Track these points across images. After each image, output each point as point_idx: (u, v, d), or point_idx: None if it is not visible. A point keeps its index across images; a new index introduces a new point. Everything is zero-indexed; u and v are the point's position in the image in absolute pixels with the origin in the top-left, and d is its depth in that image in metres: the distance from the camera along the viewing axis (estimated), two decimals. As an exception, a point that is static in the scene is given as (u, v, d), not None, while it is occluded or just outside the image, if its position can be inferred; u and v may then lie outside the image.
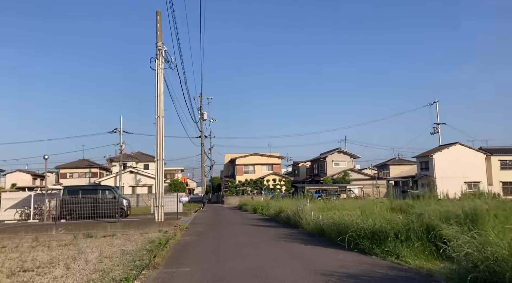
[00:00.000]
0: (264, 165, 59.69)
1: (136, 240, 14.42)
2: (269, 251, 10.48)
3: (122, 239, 14.97)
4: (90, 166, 65.98)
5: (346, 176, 56.57)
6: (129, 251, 11.45)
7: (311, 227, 14.16)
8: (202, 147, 55.16)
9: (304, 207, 15.87)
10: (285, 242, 12.00)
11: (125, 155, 58.51)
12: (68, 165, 65.02)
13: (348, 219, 10.45)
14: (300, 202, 16.59)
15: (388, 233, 8.83)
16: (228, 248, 11.41)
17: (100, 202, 24.26)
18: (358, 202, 20.52)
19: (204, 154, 57.90)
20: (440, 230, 8.32)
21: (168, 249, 11.27)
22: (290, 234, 14.12)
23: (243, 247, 11.31)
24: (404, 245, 8.50)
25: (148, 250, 11.47)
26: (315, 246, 10.77)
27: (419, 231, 8.61)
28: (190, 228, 17.87)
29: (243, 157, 59.91)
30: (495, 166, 51.57)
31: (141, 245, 12.89)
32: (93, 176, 64.53)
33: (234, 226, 19.21)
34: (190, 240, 13.40)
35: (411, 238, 8.57)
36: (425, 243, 8.50)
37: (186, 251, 11.08)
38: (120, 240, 14.65)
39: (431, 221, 8.68)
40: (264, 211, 27.04)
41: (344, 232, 10.21)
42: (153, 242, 13.14)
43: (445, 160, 49.35)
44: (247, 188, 56.01)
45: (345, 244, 9.73)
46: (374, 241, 9.13)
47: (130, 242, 13.81)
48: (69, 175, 64.58)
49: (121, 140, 53.77)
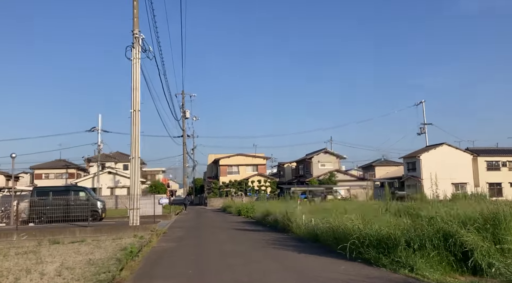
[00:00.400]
0: (249, 166, 58.28)
1: (107, 246, 12.86)
2: (258, 261, 9.07)
3: (91, 245, 13.39)
4: (67, 166, 63.68)
5: (332, 177, 55.61)
6: (96, 261, 9.92)
7: (303, 231, 12.81)
8: (184, 147, 53.46)
9: (295, 209, 14.49)
10: (275, 249, 10.57)
11: (104, 155, 56.54)
12: (43, 165, 62.61)
13: (350, 224, 9.06)
14: (289, 204, 15.19)
15: (398, 240, 7.51)
16: (210, 257, 9.95)
17: (72, 204, 22.62)
18: (350, 204, 19.30)
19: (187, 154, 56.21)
20: (460, 237, 7.05)
21: (140, 258, 9.76)
22: (280, 239, 12.71)
23: (227, 257, 9.87)
24: (418, 255, 7.19)
25: (117, 259, 9.95)
26: (310, 254, 9.38)
27: (435, 238, 7.30)
28: (168, 233, 16.31)
29: (227, 157, 58.41)
30: (482, 166, 51.25)
31: (111, 252, 11.36)
32: (70, 176, 62.31)
33: (217, 230, 17.75)
34: (167, 247, 11.86)
35: (425, 246, 7.26)
36: (442, 252, 7.21)
37: (161, 261, 9.57)
38: (89, 246, 13.07)
39: (449, 226, 7.38)
40: (249, 213, 25.61)
41: (343, 239, 8.87)
42: (125, 249, 11.60)
43: (432, 161, 48.75)
44: (231, 189, 54.50)
45: (346, 253, 8.38)
46: (381, 250, 7.80)
47: (99, 249, 12.26)
48: (45, 176, 62.31)
49: (100, 140, 51.82)
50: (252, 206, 26.47)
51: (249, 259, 9.31)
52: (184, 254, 10.45)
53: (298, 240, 12.21)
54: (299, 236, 13.00)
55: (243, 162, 58.32)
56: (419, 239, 7.39)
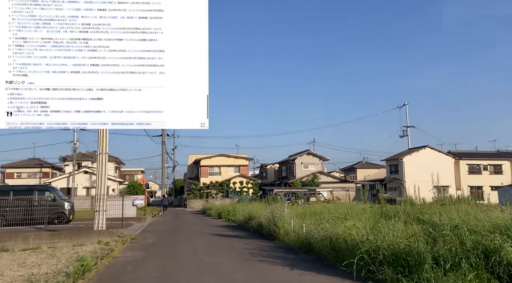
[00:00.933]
0: (231, 167, 56.47)
1: (62, 256, 10.88)
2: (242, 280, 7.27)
3: (44, 254, 11.37)
4: (41, 165, 60.93)
5: (315, 178, 54.37)
6: (39, 277, 7.95)
7: (292, 239, 11.04)
8: (163, 145, 51.27)
9: (282, 213, 12.71)
10: (261, 263, 8.71)
11: (80, 154, 54.16)
12: (16, 164, 59.69)
13: (356, 233, 7.28)
14: (275, 206, 13.41)
15: (423, 257, 5.80)
16: (183, 274, 8.05)
17: (35, 205, 20.47)
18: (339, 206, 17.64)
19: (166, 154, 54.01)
20: (507, 254, 5.40)
21: (92, 274, 7.84)
22: (266, 249, 10.87)
23: (204, 273, 8.01)
24: (451, 278, 5.50)
25: (67, 274, 8.01)
26: (306, 271, 7.56)
27: (473, 255, 5.63)
28: (138, 239, 14.32)
29: (208, 158, 56.48)
30: (463, 170, 50.99)
31: (63, 264, 9.40)
32: (45, 176, 59.71)
33: (195, 235, 15.84)
34: (131, 258, 9.89)
35: (461, 265, 5.58)
36: (481, 274, 5.54)
37: (118, 280, 7.66)
38: (40, 256, 11.06)
39: (489, 240, 5.71)
40: (230, 216, 23.74)
41: (347, 252, 7.14)
42: (83, 259, 9.65)
43: (415, 163, 48.00)
44: (212, 190, 52.52)
45: (352, 271, 6.64)
46: (399, 269, 6.07)
47: (50, 260, 10.27)
48: (17, 175, 59.55)
49: (75, 138, 49.43)
50: (233, 209, 24.61)
51: (230, 278, 7.49)
52: (150, 269, 8.51)
53: (288, 250, 10.42)
54: (288, 244, 11.23)
55: (225, 162, 56.51)
56: (451, 256, 5.70)
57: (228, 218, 24.05)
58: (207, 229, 18.66)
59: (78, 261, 9.57)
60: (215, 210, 30.45)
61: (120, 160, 61.45)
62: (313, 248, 9.31)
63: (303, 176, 55.15)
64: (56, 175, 58.34)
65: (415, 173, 46.64)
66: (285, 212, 12.86)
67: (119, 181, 55.49)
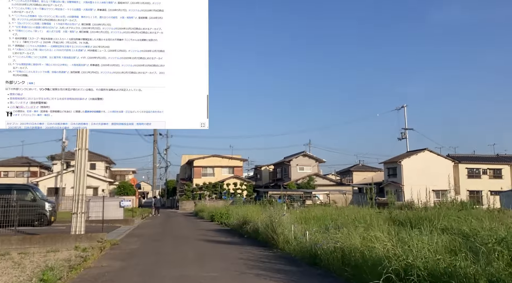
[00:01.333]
0: (225, 168, 55.12)
1: (29, 264, 9.42)
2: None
3: (9, 262, 9.89)
4: (29, 164, 59.43)
5: (311, 181, 53.21)
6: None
7: (294, 248, 9.68)
8: (155, 145, 49.75)
9: (282, 217, 11.35)
10: (259, 278, 7.30)
11: (69, 153, 52.46)
12: (3, 163, 58.36)
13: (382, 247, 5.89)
14: (274, 210, 12.04)
15: (476, 280, 4.46)
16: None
17: (13, 206, 19.03)
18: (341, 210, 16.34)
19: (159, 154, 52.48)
20: None
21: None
22: (264, 259, 9.47)
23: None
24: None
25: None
26: (315, 291, 6.22)
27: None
28: (120, 245, 12.85)
29: (201, 158, 55.10)
30: (463, 174, 50.21)
31: (27, 276, 7.99)
32: (33, 175, 58.32)
33: (184, 241, 14.42)
34: (107, 270, 8.42)
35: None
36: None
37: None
38: (5, 264, 9.59)
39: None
40: (223, 219, 22.34)
41: (366, 269, 5.78)
42: (52, 269, 8.23)
43: (414, 167, 46.93)
44: (205, 192, 51.08)
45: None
46: (439, 296, 4.73)
47: (14, 270, 8.80)
48: (4, 174, 58.31)
49: (64, 136, 47.86)
50: (227, 211, 23.23)
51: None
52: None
53: (289, 261, 9.03)
54: (288, 253, 9.85)
55: (219, 163, 55.18)
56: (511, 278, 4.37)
57: (221, 221, 22.69)
58: (198, 234, 17.24)
59: (49, 270, 8.11)
60: (207, 213, 29.10)
61: (111, 160, 59.84)
62: (319, 260, 7.94)
63: (298, 178, 53.99)
64: (44, 174, 56.87)
65: (414, 176, 45.65)
66: (285, 217, 11.49)
67: (109, 181, 53.93)
